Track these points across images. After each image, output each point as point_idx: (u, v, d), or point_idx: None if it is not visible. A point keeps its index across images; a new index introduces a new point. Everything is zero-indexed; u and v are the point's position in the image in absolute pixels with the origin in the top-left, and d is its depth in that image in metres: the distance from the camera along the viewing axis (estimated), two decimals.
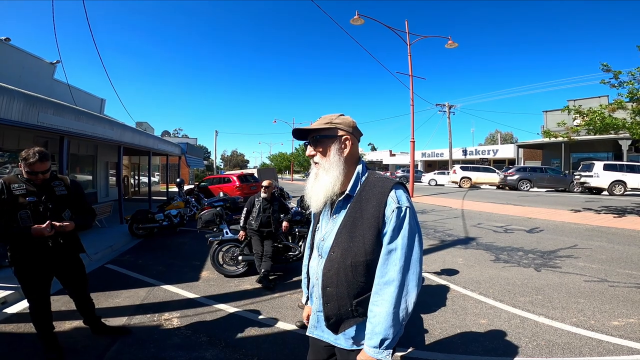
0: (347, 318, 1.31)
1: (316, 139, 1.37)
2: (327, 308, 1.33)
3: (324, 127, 1.35)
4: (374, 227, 1.25)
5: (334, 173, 1.32)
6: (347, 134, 1.36)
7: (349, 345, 1.35)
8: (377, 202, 1.26)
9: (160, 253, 6.55)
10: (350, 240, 1.28)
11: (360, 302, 1.28)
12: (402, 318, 1.22)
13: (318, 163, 1.37)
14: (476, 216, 10.44)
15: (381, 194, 1.26)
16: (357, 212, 1.29)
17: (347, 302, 1.29)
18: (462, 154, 35.63)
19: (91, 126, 8.06)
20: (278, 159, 59.72)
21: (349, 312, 1.30)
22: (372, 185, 1.31)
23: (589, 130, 9.12)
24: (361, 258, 1.26)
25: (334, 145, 1.34)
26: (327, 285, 1.33)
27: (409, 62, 14.13)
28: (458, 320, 3.44)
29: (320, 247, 1.40)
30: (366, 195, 1.29)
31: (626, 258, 5.61)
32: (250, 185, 15.43)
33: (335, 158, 1.33)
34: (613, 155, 23.12)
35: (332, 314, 1.32)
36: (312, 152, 1.39)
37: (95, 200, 13.62)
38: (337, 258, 1.31)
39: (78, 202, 2.81)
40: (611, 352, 2.79)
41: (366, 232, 1.26)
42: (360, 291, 1.28)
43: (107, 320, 3.38)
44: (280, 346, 3.04)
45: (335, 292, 1.31)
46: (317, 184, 1.36)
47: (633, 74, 8.26)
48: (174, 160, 18.63)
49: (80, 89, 14.51)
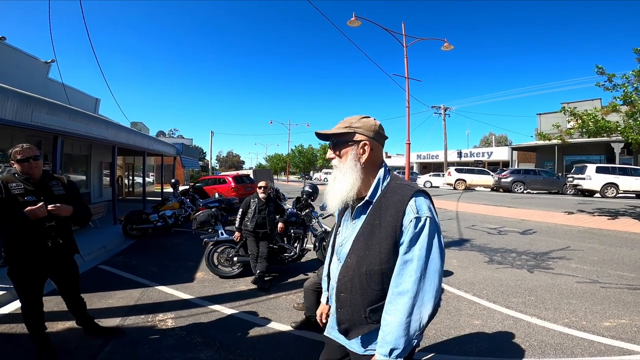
0: (359, 324, 1.30)
1: (334, 143, 1.36)
2: (340, 313, 1.34)
3: (342, 131, 1.33)
4: (391, 236, 1.22)
5: (350, 178, 1.29)
6: (367, 139, 1.31)
7: (362, 350, 1.34)
8: (396, 210, 1.22)
9: (154, 254, 6.51)
10: (367, 248, 1.27)
11: (374, 309, 1.27)
12: (414, 329, 1.20)
13: (336, 167, 1.36)
14: (470, 218, 10.51)
15: (400, 202, 1.23)
16: (376, 220, 1.26)
17: (360, 309, 1.28)
18: (457, 156, 35.84)
19: (85, 126, 8.00)
20: (274, 160, 59.62)
21: (362, 319, 1.29)
22: (393, 192, 1.27)
23: (582, 133, 9.23)
24: (376, 267, 1.25)
25: (352, 151, 1.32)
26: (342, 291, 1.33)
27: (405, 64, 14.21)
28: (452, 321, 3.47)
29: (338, 252, 1.40)
30: (386, 202, 1.26)
31: (618, 259, 5.68)
32: (245, 186, 15.38)
33: (351, 163, 1.30)
34: (605, 158, 23.39)
35: (345, 319, 1.32)
36: (331, 155, 1.38)
37: (89, 200, 13.49)
38: (353, 265, 1.30)
39: (75, 201, 2.81)
40: (602, 353, 2.83)
41: (383, 240, 1.23)
42: (374, 299, 1.27)
43: (101, 321, 3.36)
44: (276, 347, 3.05)
45: (349, 299, 1.31)
46: (334, 186, 1.35)
47: (627, 77, 8.36)
48: (169, 160, 18.56)
49: (75, 89, 14.38)
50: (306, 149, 49.09)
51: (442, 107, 29.96)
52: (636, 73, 7.98)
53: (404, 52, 14.04)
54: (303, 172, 49.50)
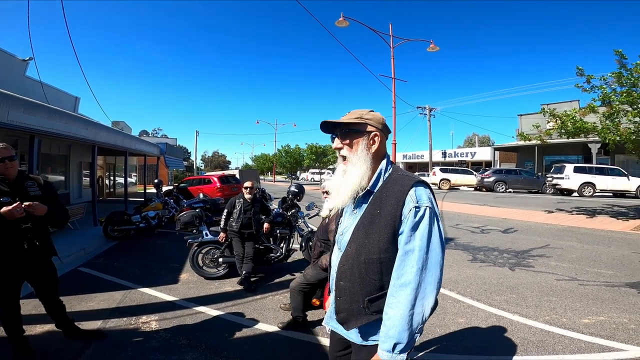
0: (358, 314, 1.30)
1: (345, 132, 1.36)
2: (338, 302, 1.35)
3: (354, 121, 1.35)
4: (391, 225, 1.23)
5: (362, 167, 1.31)
6: (377, 130, 1.35)
7: (359, 341, 1.35)
8: (396, 200, 1.24)
9: (136, 255, 6.38)
10: (366, 236, 1.28)
11: (372, 299, 1.27)
12: (417, 322, 1.19)
13: (346, 157, 1.37)
14: (454, 217, 10.68)
15: (400, 192, 1.24)
16: (376, 209, 1.28)
17: (359, 298, 1.29)
18: (442, 156, 36.40)
19: (64, 125, 7.77)
20: (260, 160, 59.17)
21: (360, 309, 1.29)
22: (394, 182, 1.29)
23: (561, 134, 9.49)
24: (375, 255, 1.26)
25: (363, 141, 1.34)
26: (341, 280, 1.34)
27: (392, 64, 14.32)
28: (437, 320, 3.51)
29: (339, 241, 1.42)
30: (386, 192, 1.28)
31: (595, 257, 5.87)
32: (231, 186, 15.24)
33: (363, 153, 1.33)
34: (583, 158, 24.14)
35: (343, 308, 1.33)
36: (339, 144, 1.38)
37: (68, 201, 13.10)
38: (352, 253, 1.31)
39: (52, 202, 2.73)
40: (583, 350, 2.89)
41: (382, 230, 1.24)
42: (372, 289, 1.27)
43: (81, 324, 3.26)
44: (262, 348, 3.02)
45: (348, 287, 1.32)
46: (345, 179, 1.35)
47: (605, 79, 8.64)
48: (152, 160, 18.21)
49: (54, 87, 13.94)
50: (293, 149, 48.93)
51: (427, 108, 30.37)
52: (615, 75, 8.24)
53: (391, 53, 14.16)
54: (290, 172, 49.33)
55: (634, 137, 8.27)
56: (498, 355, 2.84)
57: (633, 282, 4.54)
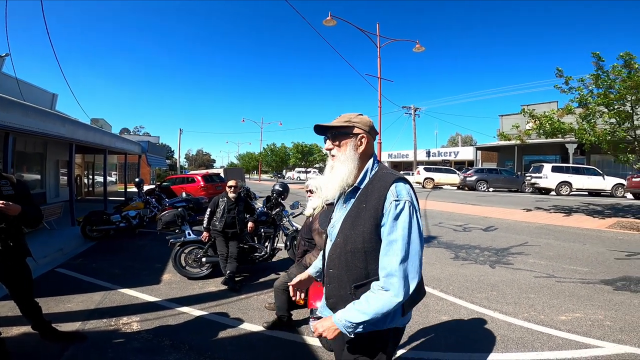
0: (345, 300, 1.39)
1: (335, 134, 1.48)
2: (328, 288, 1.47)
3: (343, 124, 1.47)
4: (374, 217, 1.33)
5: (349, 166, 1.43)
6: (364, 133, 1.46)
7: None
8: (379, 194, 1.34)
9: (116, 256, 6.23)
10: (352, 228, 1.38)
11: (358, 286, 1.37)
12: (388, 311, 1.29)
13: (335, 156, 1.48)
14: (438, 215, 10.86)
15: (383, 187, 1.35)
16: (362, 204, 1.38)
17: (346, 285, 1.39)
18: (426, 156, 36.93)
19: (40, 122, 7.50)
20: (246, 159, 58.72)
21: (347, 295, 1.39)
22: (379, 179, 1.40)
23: (539, 134, 9.76)
24: (359, 245, 1.36)
25: (351, 142, 1.46)
26: (331, 267, 1.46)
27: (379, 64, 14.38)
28: (421, 318, 3.56)
29: (330, 232, 1.53)
30: (372, 187, 1.39)
31: (571, 254, 6.06)
32: (215, 185, 15.04)
33: (351, 153, 1.44)
34: (560, 158, 24.93)
35: (332, 294, 1.45)
36: (330, 145, 1.50)
37: (44, 201, 12.67)
38: (340, 243, 1.42)
39: (25, 202, 2.63)
40: (560, 347, 2.96)
41: (366, 222, 1.34)
42: (358, 276, 1.37)
43: (59, 326, 3.17)
44: (247, 348, 3.00)
45: (336, 275, 1.43)
46: (333, 175, 1.46)
47: (583, 80, 8.91)
48: (134, 159, 17.76)
49: (30, 83, 13.46)
50: (279, 147, 48.74)
51: (412, 108, 30.73)
52: (593, 77, 8.51)
53: (378, 53, 14.23)
54: (275, 171, 49.09)
55: (609, 138, 8.57)
56: (480, 353, 2.89)
57: (608, 279, 4.70)
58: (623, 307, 3.74)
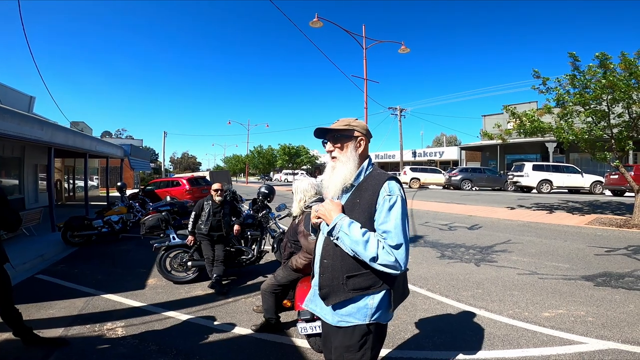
0: (337, 291, 1.48)
1: (336, 137, 1.59)
2: (322, 278, 1.54)
3: (344, 128, 1.58)
4: (367, 211, 1.45)
5: (349, 166, 1.54)
6: (362, 135, 1.59)
7: (335, 322, 1.52)
8: (373, 191, 1.47)
9: (98, 261, 6.08)
10: None
11: (350, 277, 1.46)
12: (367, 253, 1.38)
13: (336, 157, 1.58)
14: (424, 215, 10.99)
15: (376, 185, 1.48)
16: (356, 199, 1.50)
17: (339, 275, 1.48)
18: (412, 156, 37.35)
19: (16, 126, 7.27)
20: (232, 162, 58.25)
21: (340, 285, 1.47)
22: (372, 178, 1.53)
23: (520, 133, 9.99)
24: None
25: (351, 144, 1.57)
26: (324, 258, 1.55)
27: (364, 65, 14.46)
28: (409, 317, 3.59)
29: (324, 227, 1.58)
30: (366, 185, 1.51)
31: (553, 251, 6.21)
32: (201, 188, 14.86)
33: (351, 154, 1.55)
34: (541, 157, 25.60)
35: (326, 284, 1.52)
36: (331, 147, 1.60)
37: (23, 206, 12.27)
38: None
39: (1, 205, 2.56)
40: (545, 343, 2.99)
41: (360, 215, 1.46)
42: (351, 267, 1.46)
43: (41, 332, 3.09)
44: (236, 351, 2.97)
45: (330, 264, 1.51)
46: (335, 174, 1.57)
47: (559, 81, 9.16)
48: (116, 162, 17.40)
49: (7, 86, 13.04)
50: (265, 149, 48.49)
51: (398, 108, 30.96)
52: (569, 77, 8.76)
53: (364, 54, 14.32)
54: (263, 173, 48.81)
55: (586, 137, 8.83)
56: (466, 350, 2.92)
57: (588, 275, 4.82)
58: (604, 303, 3.82)
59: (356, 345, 1.48)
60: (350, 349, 1.48)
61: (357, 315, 1.47)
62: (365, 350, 1.48)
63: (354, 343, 1.48)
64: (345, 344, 1.49)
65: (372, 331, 1.49)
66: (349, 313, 1.48)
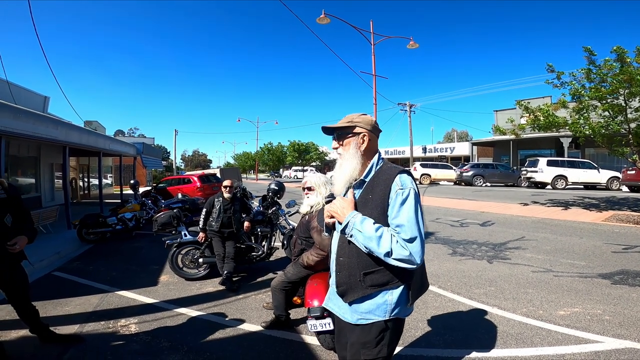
0: (355, 288, 1.47)
1: (339, 134, 1.59)
2: (338, 276, 1.53)
3: (345, 125, 1.57)
4: (380, 206, 1.44)
5: (352, 162, 1.52)
6: (366, 131, 1.55)
7: (353, 320, 1.50)
8: (385, 185, 1.45)
9: (113, 258, 6.19)
10: None
11: (367, 274, 1.45)
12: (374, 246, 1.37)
13: (341, 154, 1.58)
14: (435, 211, 10.88)
15: (388, 179, 1.45)
16: (368, 194, 1.49)
17: (356, 272, 1.47)
18: (422, 152, 36.97)
19: (32, 125, 7.44)
20: (242, 159, 58.62)
21: (357, 282, 1.46)
22: (383, 172, 1.51)
23: (534, 128, 9.79)
24: None
25: (354, 140, 1.55)
26: (340, 256, 1.54)
27: (373, 61, 14.36)
28: (420, 314, 3.55)
29: (338, 224, 1.57)
30: (377, 180, 1.49)
31: (568, 248, 6.08)
32: (212, 185, 14.99)
33: (353, 151, 1.54)
34: (555, 152, 25.06)
35: (343, 282, 1.51)
36: (335, 145, 1.61)
37: (40, 204, 12.58)
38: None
39: (16, 205, 2.62)
40: (560, 342, 2.93)
41: (373, 210, 1.45)
42: (367, 264, 1.44)
43: (57, 329, 3.17)
44: (246, 348, 2.99)
45: (346, 262, 1.50)
46: (340, 171, 1.57)
47: (574, 75, 8.94)
48: (129, 161, 17.71)
49: (22, 86, 13.32)
50: (275, 146, 48.62)
51: (407, 104, 30.69)
52: (585, 71, 8.54)
53: (372, 50, 14.21)
54: (272, 170, 49.02)
55: (603, 131, 8.61)
56: (479, 349, 2.88)
57: (605, 273, 4.71)
58: (622, 301, 3.73)
59: (373, 342, 1.46)
60: (367, 345, 1.47)
61: (377, 312, 1.46)
62: (382, 347, 1.47)
63: (371, 339, 1.46)
64: (362, 340, 1.48)
65: (390, 327, 1.48)
66: (369, 310, 1.46)
